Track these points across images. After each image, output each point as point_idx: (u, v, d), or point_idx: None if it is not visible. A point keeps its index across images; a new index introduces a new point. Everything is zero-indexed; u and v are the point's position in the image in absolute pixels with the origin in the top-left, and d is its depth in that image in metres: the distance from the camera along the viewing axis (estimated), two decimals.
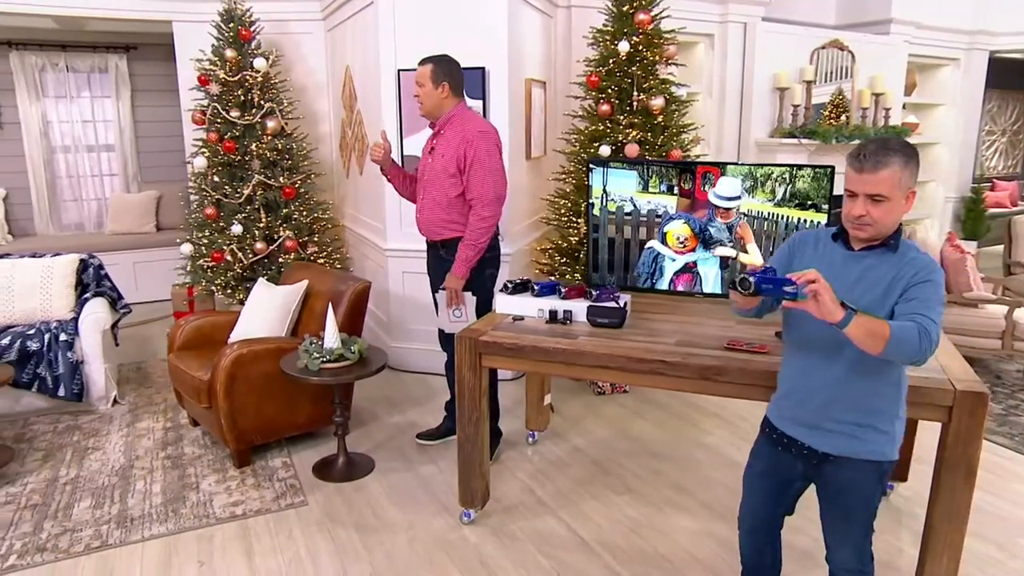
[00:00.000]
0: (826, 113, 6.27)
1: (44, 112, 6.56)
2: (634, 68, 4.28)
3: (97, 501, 3.07)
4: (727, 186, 2.86)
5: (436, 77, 3.14)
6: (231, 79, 4.86)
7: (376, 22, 4.26)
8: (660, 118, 4.35)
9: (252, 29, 4.98)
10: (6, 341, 3.80)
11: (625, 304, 2.76)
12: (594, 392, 4.29)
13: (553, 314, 2.81)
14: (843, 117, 6.20)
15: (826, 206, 2.70)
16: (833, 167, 2.71)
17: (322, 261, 5.16)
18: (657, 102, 4.28)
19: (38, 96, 6.51)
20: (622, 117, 4.32)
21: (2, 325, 4.03)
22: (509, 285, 2.97)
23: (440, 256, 3.33)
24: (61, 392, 3.84)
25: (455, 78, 3.18)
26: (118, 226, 6.53)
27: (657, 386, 2.51)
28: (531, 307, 2.88)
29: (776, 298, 1.65)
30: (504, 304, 2.95)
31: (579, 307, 2.79)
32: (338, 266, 5.31)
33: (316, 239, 5.23)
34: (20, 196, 6.62)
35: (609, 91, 4.35)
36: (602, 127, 4.36)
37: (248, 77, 4.90)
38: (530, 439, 3.64)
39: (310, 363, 3.10)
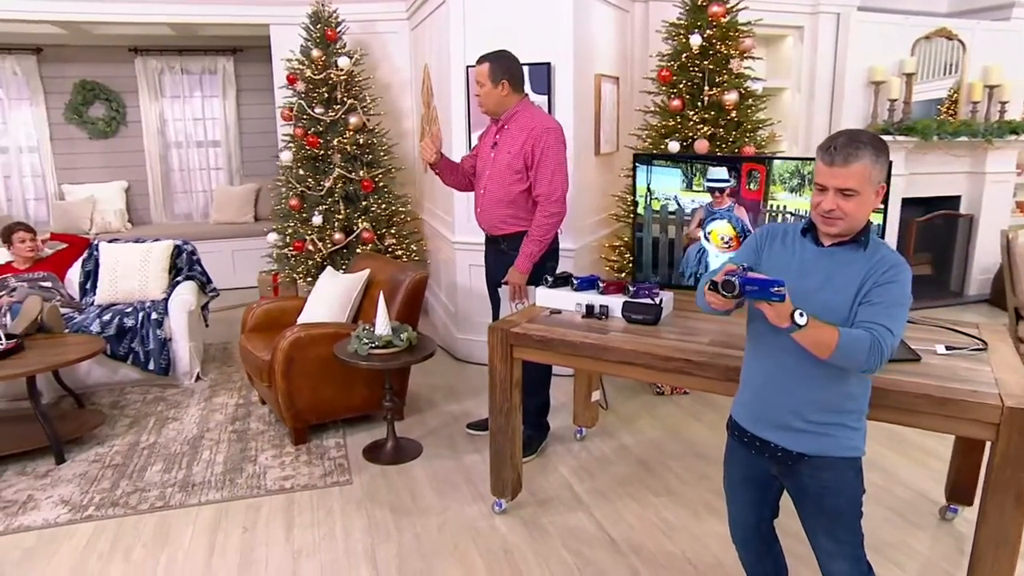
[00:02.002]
0: (943, 109, 5.84)
1: (161, 111, 7.17)
2: (706, 62, 4.17)
3: (167, 466, 3.34)
4: (716, 172, 2.90)
5: (495, 75, 3.14)
6: (316, 77, 5.12)
7: (447, 19, 4.37)
8: (733, 113, 4.21)
9: (338, 30, 5.22)
10: (107, 317, 4.19)
11: (661, 301, 2.70)
12: (653, 392, 4.22)
13: (590, 309, 2.79)
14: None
15: (880, 205, 2.53)
16: (890, 163, 2.53)
17: (400, 253, 5.34)
18: (730, 97, 4.14)
19: (157, 96, 7.12)
20: (692, 112, 4.21)
21: (106, 303, 4.45)
22: (548, 279, 2.98)
23: (501, 250, 3.35)
24: (151, 366, 4.20)
25: (514, 74, 3.18)
26: (221, 216, 7.04)
27: (684, 385, 2.45)
28: (569, 301, 2.88)
29: (758, 299, 1.57)
30: (544, 297, 2.96)
31: (616, 303, 2.76)
32: (416, 258, 5.48)
33: (394, 231, 5.42)
34: (139, 188, 7.28)
35: (681, 86, 4.26)
36: (672, 122, 4.27)
37: (332, 75, 5.14)
38: (577, 435, 3.63)
39: (359, 348, 3.23)
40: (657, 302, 2.69)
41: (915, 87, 5.68)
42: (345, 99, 5.20)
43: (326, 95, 5.18)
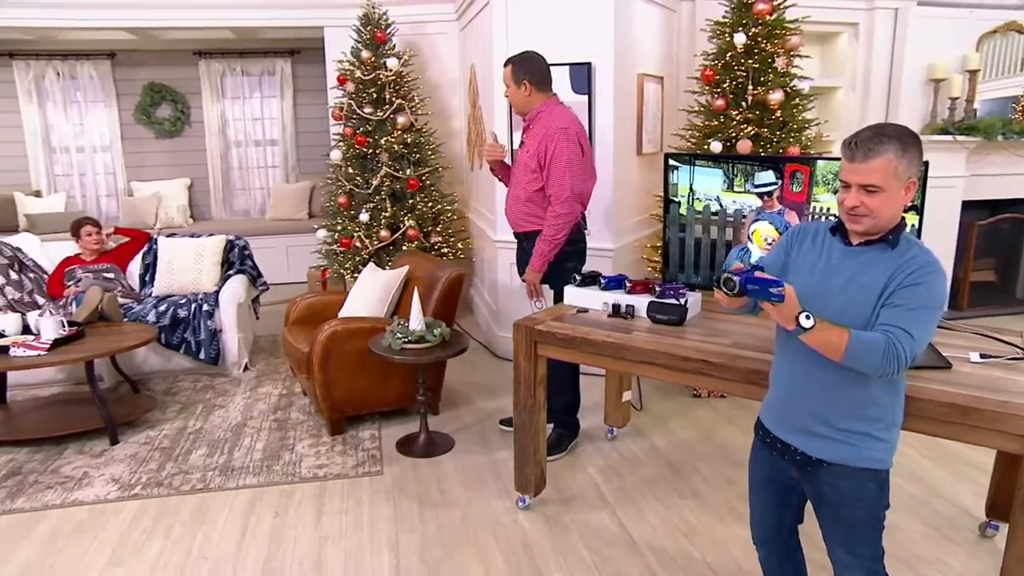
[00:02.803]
0: (1019, 107, 5.56)
1: (223, 111, 7.47)
2: (751, 61, 4.10)
3: (210, 451, 3.50)
4: (761, 176, 2.87)
5: (516, 77, 3.21)
6: (366, 78, 5.25)
7: (490, 20, 4.43)
8: (778, 113, 4.12)
9: (388, 31, 5.34)
10: (163, 308, 4.40)
11: (687, 302, 2.68)
12: (689, 394, 4.17)
13: (616, 308, 2.79)
14: None
15: (912, 202, 2.46)
16: (927, 162, 2.45)
17: (445, 251, 5.43)
18: (775, 96, 4.06)
19: (218, 97, 7.42)
20: (736, 112, 4.15)
21: (163, 294, 4.68)
22: (577, 278, 3.00)
23: (523, 248, 3.43)
24: (202, 356, 4.40)
25: (535, 74, 3.22)
26: (276, 213, 7.28)
27: (704, 386, 2.44)
28: (596, 300, 2.89)
29: (759, 299, 1.57)
30: (572, 296, 2.98)
31: (642, 302, 2.76)
32: (461, 256, 5.56)
33: (440, 229, 5.51)
34: (201, 185, 7.61)
35: (724, 85, 4.20)
36: (716, 122, 4.22)
37: (381, 76, 5.26)
38: (608, 435, 3.63)
39: (393, 343, 3.31)
40: (682, 303, 2.68)
41: (981, 84, 5.43)
42: (393, 99, 5.31)
43: (375, 95, 5.30)
